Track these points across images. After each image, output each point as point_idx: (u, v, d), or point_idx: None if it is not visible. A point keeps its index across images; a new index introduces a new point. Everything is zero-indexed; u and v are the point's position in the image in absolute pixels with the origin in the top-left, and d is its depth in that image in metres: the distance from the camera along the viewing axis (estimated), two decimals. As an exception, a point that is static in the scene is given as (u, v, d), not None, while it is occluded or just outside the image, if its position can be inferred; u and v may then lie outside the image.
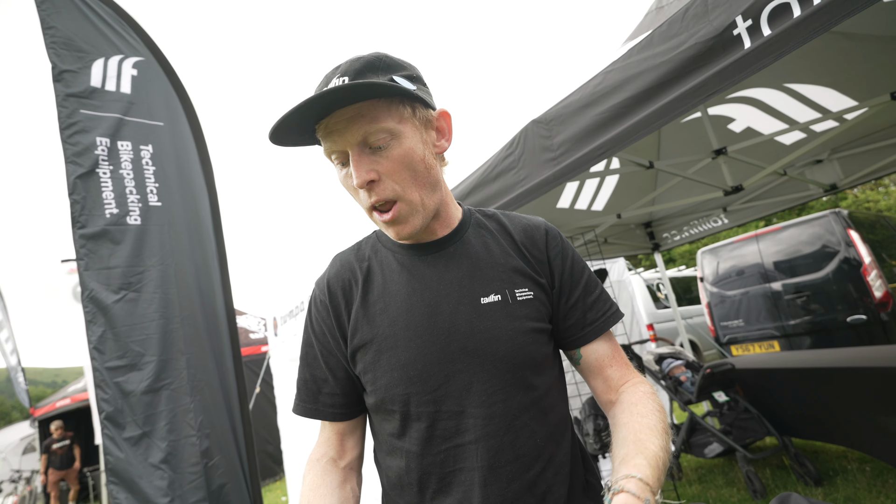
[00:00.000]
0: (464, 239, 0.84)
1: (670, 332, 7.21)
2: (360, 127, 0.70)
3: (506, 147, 1.78)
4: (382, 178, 0.72)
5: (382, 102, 0.71)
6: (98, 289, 1.70)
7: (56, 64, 1.79)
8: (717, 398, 3.26)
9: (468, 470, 0.74)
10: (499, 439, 0.73)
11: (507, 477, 0.73)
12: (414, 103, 0.75)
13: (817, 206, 12.32)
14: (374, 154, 0.71)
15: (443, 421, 0.75)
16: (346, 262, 0.88)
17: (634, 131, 1.35)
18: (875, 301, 4.36)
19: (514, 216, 0.90)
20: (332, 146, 0.72)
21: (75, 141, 1.76)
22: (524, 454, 0.74)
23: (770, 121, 2.82)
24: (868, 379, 2.51)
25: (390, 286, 0.81)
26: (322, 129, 0.72)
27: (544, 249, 0.85)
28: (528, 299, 0.79)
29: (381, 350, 0.78)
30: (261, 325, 8.32)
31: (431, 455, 0.75)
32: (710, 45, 1.14)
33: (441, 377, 0.75)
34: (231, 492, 1.78)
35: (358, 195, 0.75)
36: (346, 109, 0.70)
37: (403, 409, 0.76)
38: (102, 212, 1.77)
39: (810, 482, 2.86)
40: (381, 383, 0.77)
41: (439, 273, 0.80)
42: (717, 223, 4.06)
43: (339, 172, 0.76)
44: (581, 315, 0.83)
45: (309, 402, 0.85)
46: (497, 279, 0.80)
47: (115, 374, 1.68)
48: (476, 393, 0.74)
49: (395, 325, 0.78)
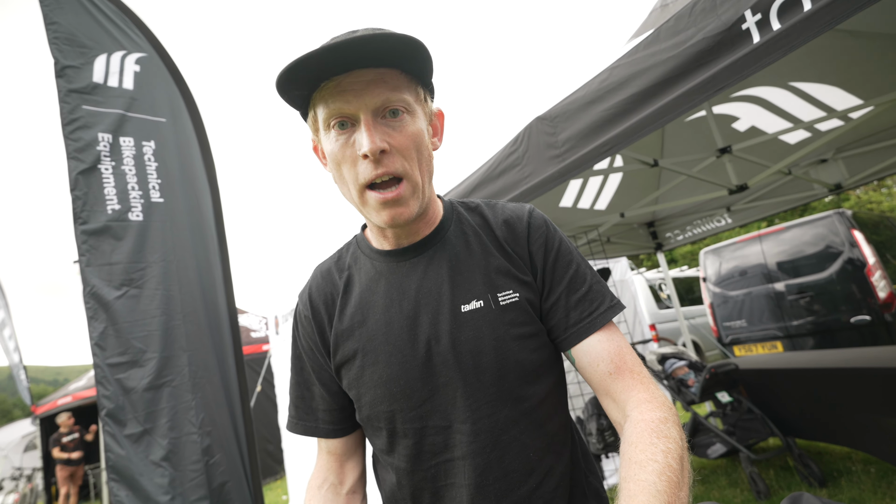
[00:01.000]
0: (444, 239, 0.78)
1: (673, 332, 7.19)
2: (382, 92, 0.65)
3: (510, 144, 1.77)
4: (393, 152, 0.66)
5: (405, 78, 0.68)
6: (99, 285, 1.70)
7: (58, 59, 1.79)
8: (720, 399, 3.24)
9: (458, 486, 0.71)
10: (486, 456, 0.70)
11: (496, 495, 0.70)
12: (427, 91, 0.74)
13: (820, 206, 12.28)
14: (388, 126, 0.66)
15: (430, 437, 0.72)
16: (327, 273, 0.84)
17: (640, 128, 1.34)
18: (879, 302, 4.34)
19: (498, 206, 0.83)
20: (341, 107, 0.65)
21: (77, 137, 1.76)
22: (514, 470, 0.70)
23: (775, 120, 2.81)
24: (872, 380, 2.49)
25: (367, 297, 0.77)
26: (331, 87, 0.65)
27: (525, 244, 0.77)
28: (512, 302, 0.73)
29: (364, 366, 0.74)
30: (262, 323, 8.32)
31: (422, 471, 0.73)
32: (717, 39, 1.13)
33: (425, 392, 0.72)
34: (232, 490, 1.77)
35: (355, 168, 0.67)
36: (369, 71, 0.64)
37: (389, 425, 0.74)
38: (104, 208, 1.76)
39: (814, 483, 2.84)
40: (365, 400, 0.75)
41: (418, 281, 0.75)
42: (721, 223, 4.04)
43: (332, 141, 0.67)
44: (564, 314, 0.74)
45: (308, 419, 0.83)
46: (478, 283, 0.74)
47: (117, 371, 1.67)
48: (461, 408, 0.71)
49: (374, 339, 0.74)
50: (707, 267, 6.03)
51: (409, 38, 0.61)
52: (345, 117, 0.66)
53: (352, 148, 0.66)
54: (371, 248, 0.81)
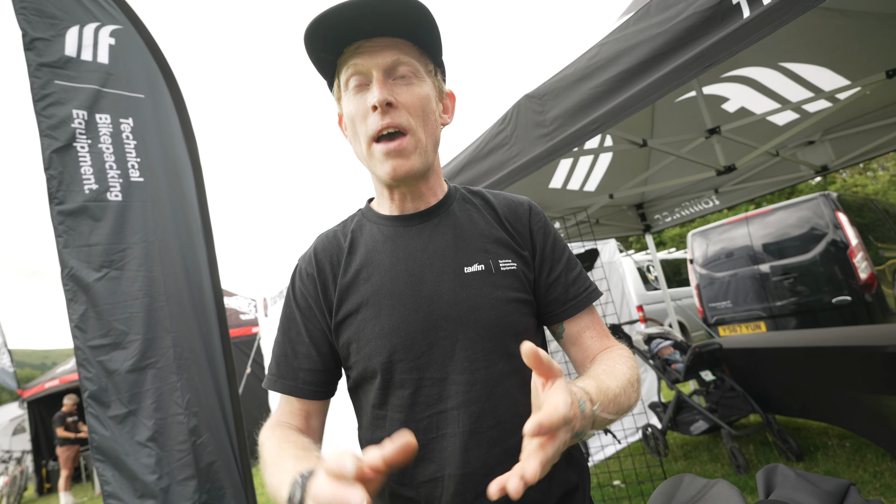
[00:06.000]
0: (449, 211, 0.85)
1: (660, 313, 7.30)
2: (394, 54, 0.75)
3: (498, 123, 1.74)
4: (399, 107, 0.74)
5: (417, 49, 0.78)
6: (78, 266, 1.66)
7: (27, 31, 1.70)
8: (703, 377, 3.31)
9: (450, 436, 0.74)
10: (480, 405, 0.74)
11: (488, 442, 0.74)
12: (437, 67, 0.83)
13: (807, 189, 12.42)
14: (397, 85, 0.75)
15: (426, 388, 0.76)
16: (332, 236, 0.89)
17: (629, 105, 1.32)
18: (860, 283, 4.44)
19: (499, 193, 0.92)
20: (358, 65, 0.75)
21: (50, 113, 1.69)
22: (505, 421, 0.75)
23: (764, 100, 2.80)
24: (848, 358, 2.56)
25: (374, 256, 0.82)
26: (351, 50, 0.75)
27: (527, 224, 0.86)
28: (511, 270, 0.81)
29: (366, 318, 0.78)
30: (251, 306, 8.29)
31: (415, 422, 0.75)
32: (708, 14, 1.11)
33: (425, 344, 0.76)
34: (220, 469, 1.78)
35: (366, 122, 0.75)
36: (385, 39, 0.74)
37: (387, 376, 0.77)
38: (81, 187, 1.71)
39: (792, 457, 2.93)
40: (365, 352, 0.77)
41: (423, 243, 0.81)
42: (709, 205, 4.06)
43: (350, 101, 0.77)
44: (563, 290, 0.84)
45: (288, 377, 0.83)
46: (481, 250, 0.81)
47: (99, 353, 1.65)
48: (459, 360, 0.75)
49: (378, 293, 0.78)
50: (694, 249, 6.10)
51: (421, 6, 0.71)
52: (360, 75, 0.75)
53: (364, 103, 0.75)
54: (377, 214, 0.87)
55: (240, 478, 1.85)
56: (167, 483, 1.65)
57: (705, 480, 0.76)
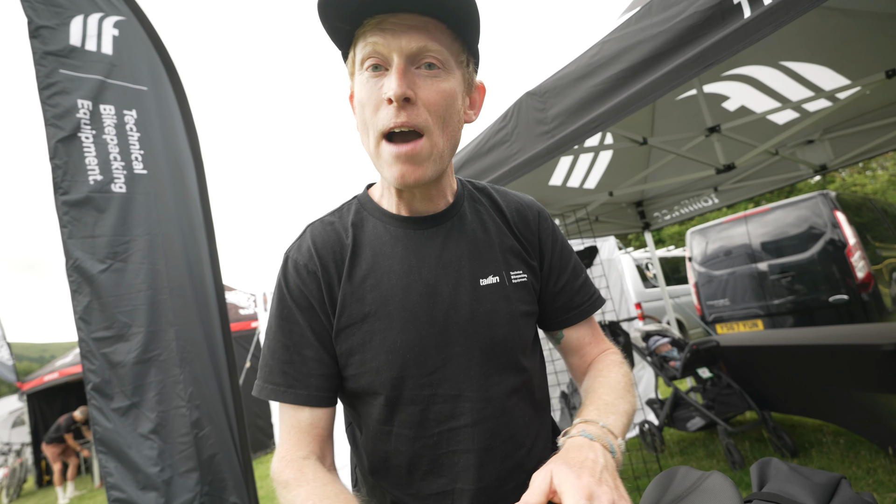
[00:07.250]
0: (461, 214, 0.80)
1: (658, 310, 7.32)
2: (422, 39, 0.62)
3: (499, 120, 1.75)
4: (418, 104, 0.64)
5: (450, 34, 0.65)
6: (83, 258, 1.67)
7: (32, 19, 1.71)
8: (700, 374, 3.34)
9: (462, 452, 0.72)
10: (495, 421, 0.73)
11: (501, 456, 0.74)
12: (471, 57, 0.72)
13: (806, 188, 12.43)
14: (419, 77, 0.64)
15: (438, 405, 0.72)
16: (330, 228, 0.78)
17: (630, 103, 1.33)
18: (857, 282, 4.46)
19: (505, 193, 0.88)
20: (378, 47, 0.63)
21: (55, 102, 1.70)
22: (516, 433, 0.75)
23: (764, 99, 2.81)
24: (843, 356, 2.58)
25: (382, 260, 0.74)
26: (373, 24, 0.63)
27: (536, 231, 0.84)
28: (522, 282, 0.79)
29: (374, 330, 0.71)
30: (250, 300, 8.29)
31: (424, 438, 0.73)
32: (709, 13, 1.12)
33: (438, 361, 0.72)
34: (222, 462, 1.80)
35: (377, 114, 0.64)
36: (413, 17, 0.62)
37: (395, 392, 0.71)
38: (86, 178, 1.72)
39: (786, 454, 2.96)
40: (371, 365, 0.71)
41: (437, 251, 0.75)
42: (708, 203, 4.07)
43: (363, 83, 0.66)
44: (569, 298, 0.84)
45: (299, 386, 0.71)
46: (494, 260, 0.78)
47: (102, 345, 1.66)
48: (475, 377, 0.73)
49: (388, 303, 0.72)
50: (693, 247, 6.11)
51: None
52: (379, 57, 0.64)
53: (379, 92, 0.64)
54: (382, 210, 0.78)
55: (241, 470, 1.87)
56: (169, 475, 1.67)
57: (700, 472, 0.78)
